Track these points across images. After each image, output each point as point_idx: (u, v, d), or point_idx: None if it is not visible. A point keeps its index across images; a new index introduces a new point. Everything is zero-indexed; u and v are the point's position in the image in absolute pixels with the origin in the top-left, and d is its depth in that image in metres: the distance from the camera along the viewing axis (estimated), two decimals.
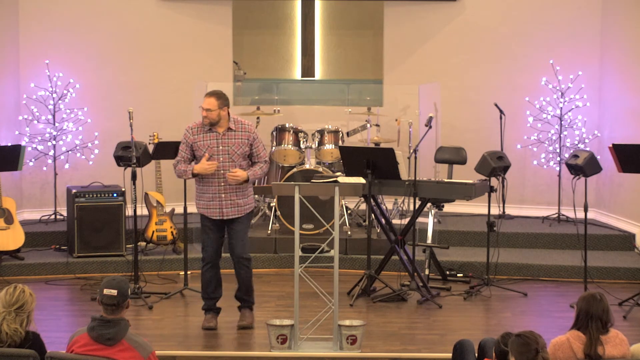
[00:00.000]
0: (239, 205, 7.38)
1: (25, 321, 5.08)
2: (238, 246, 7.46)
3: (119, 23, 10.84)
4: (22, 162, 9.34)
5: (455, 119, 11.00)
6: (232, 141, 7.32)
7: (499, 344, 5.03)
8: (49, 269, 9.22)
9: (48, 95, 10.46)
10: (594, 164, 8.31)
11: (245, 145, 7.33)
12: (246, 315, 7.54)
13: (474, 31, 11.09)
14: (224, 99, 7.35)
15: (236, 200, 7.36)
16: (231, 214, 7.38)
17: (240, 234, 7.44)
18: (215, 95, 7.33)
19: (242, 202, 7.39)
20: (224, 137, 7.33)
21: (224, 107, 7.32)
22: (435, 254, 8.96)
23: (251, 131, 7.36)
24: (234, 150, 7.32)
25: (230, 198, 7.35)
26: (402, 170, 8.43)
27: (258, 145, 7.38)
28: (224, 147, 7.32)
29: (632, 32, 10.23)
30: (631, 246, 9.61)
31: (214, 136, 7.34)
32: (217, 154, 7.31)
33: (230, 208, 7.37)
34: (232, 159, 7.31)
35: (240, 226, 7.43)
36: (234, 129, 7.34)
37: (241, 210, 7.39)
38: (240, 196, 7.37)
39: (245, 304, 7.58)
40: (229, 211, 7.37)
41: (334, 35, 12.19)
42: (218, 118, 7.30)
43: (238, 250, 7.46)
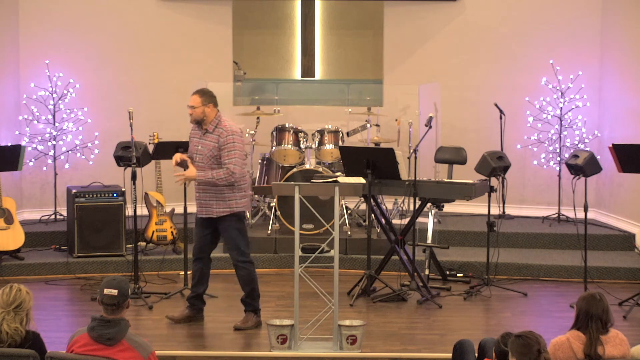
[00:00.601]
0: (212, 207, 7.36)
1: (24, 319, 5.09)
2: (229, 249, 7.53)
3: (119, 23, 10.85)
4: (22, 162, 9.34)
5: (455, 119, 11.00)
6: (206, 143, 7.35)
7: (499, 344, 5.03)
8: (49, 269, 9.22)
9: (48, 95, 10.46)
10: (594, 164, 8.31)
11: (215, 149, 7.31)
12: (248, 318, 7.49)
13: (474, 31, 11.09)
14: (208, 96, 7.35)
15: (208, 201, 7.36)
16: (205, 214, 7.41)
17: (227, 237, 7.46)
18: (199, 92, 7.37)
19: (216, 203, 7.35)
20: (203, 137, 7.38)
21: (208, 104, 7.32)
22: (435, 254, 8.96)
23: (223, 135, 7.29)
24: (205, 152, 7.33)
25: (203, 198, 7.38)
26: (402, 170, 8.43)
27: (226, 150, 7.27)
28: (201, 147, 7.37)
29: (632, 32, 10.23)
30: (631, 246, 9.62)
31: (198, 135, 7.43)
32: (197, 152, 7.40)
33: (205, 208, 7.40)
34: (204, 161, 7.34)
35: (226, 231, 7.42)
36: (211, 131, 7.34)
37: (215, 212, 7.36)
38: (213, 197, 7.35)
39: (248, 308, 7.53)
40: (202, 210, 7.42)
41: (334, 35, 12.19)
42: (203, 115, 7.33)
43: (230, 252, 7.52)
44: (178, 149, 8.42)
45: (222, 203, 7.36)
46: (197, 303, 7.63)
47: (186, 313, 7.60)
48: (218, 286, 8.82)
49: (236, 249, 7.43)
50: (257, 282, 7.54)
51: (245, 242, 7.50)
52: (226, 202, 7.36)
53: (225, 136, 7.29)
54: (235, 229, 7.42)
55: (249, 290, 7.50)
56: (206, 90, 7.41)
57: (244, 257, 7.45)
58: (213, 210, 7.37)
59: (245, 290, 7.52)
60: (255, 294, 7.52)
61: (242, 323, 7.46)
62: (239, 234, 7.43)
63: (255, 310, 7.53)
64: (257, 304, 7.55)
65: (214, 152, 7.31)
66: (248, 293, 7.51)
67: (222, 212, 7.36)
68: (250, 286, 7.50)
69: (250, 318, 7.48)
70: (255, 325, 7.46)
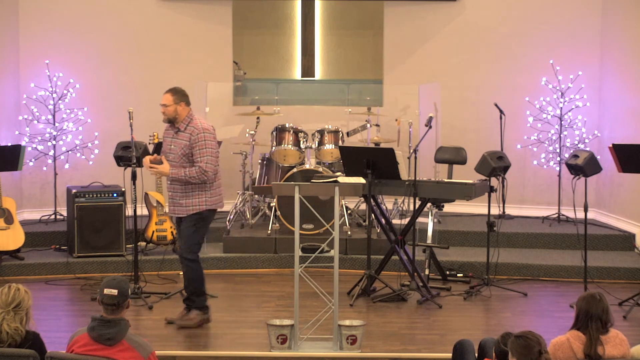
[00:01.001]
0: (180, 205, 7.37)
1: (24, 319, 5.09)
2: (181, 244, 7.53)
3: (119, 23, 10.85)
4: (22, 162, 9.34)
5: (455, 119, 11.00)
6: (177, 141, 7.35)
7: (499, 344, 5.03)
8: (49, 269, 9.22)
9: (48, 95, 10.46)
10: (594, 164, 8.31)
11: (186, 148, 7.31)
12: (192, 316, 7.43)
13: (474, 31, 11.09)
14: (180, 95, 7.36)
15: (179, 200, 7.37)
16: (177, 213, 7.42)
17: (183, 233, 7.44)
18: (171, 91, 7.39)
19: (185, 202, 7.35)
20: (175, 136, 7.39)
21: (180, 102, 7.33)
22: (435, 254, 8.96)
23: (194, 133, 7.29)
24: (176, 150, 7.34)
25: (174, 197, 7.40)
26: (402, 170, 8.43)
27: (197, 148, 7.28)
28: (174, 146, 7.38)
29: (632, 32, 10.23)
30: (631, 246, 9.62)
31: (170, 134, 7.45)
32: (169, 151, 7.41)
33: (176, 207, 7.41)
34: (175, 160, 7.34)
35: (184, 226, 7.42)
36: (183, 130, 7.34)
37: (183, 211, 7.36)
38: (183, 197, 7.35)
39: (193, 305, 7.47)
40: (174, 209, 7.44)
41: (334, 35, 12.19)
42: (175, 114, 7.34)
43: (181, 248, 7.50)
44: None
45: (190, 201, 7.36)
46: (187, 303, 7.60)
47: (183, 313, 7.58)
48: (218, 286, 8.83)
49: (187, 245, 7.43)
50: (201, 281, 7.47)
51: (197, 241, 7.47)
52: (195, 200, 7.36)
53: (197, 134, 7.29)
54: (194, 226, 7.40)
55: (192, 288, 7.46)
56: (178, 89, 7.42)
57: (190, 255, 7.41)
58: (183, 209, 7.37)
59: (188, 288, 7.49)
60: (200, 291, 7.47)
61: (185, 320, 7.44)
62: (195, 232, 7.41)
63: (200, 307, 7.48)
64: (202, 301, 7.48)
65: (185, 151, 7.31)
66: (192, 290, 7.47)
67: (191, 210, 7.36)
68: (193, 285, 7.46)
69: (194, 315, 7.45)
70: (198, 323, 7.41)
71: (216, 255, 9.57)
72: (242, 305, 8.21)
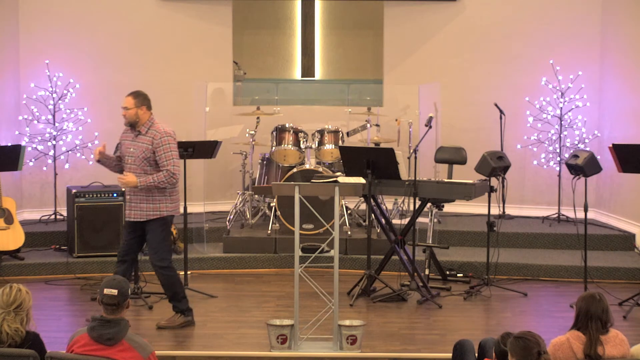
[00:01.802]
0: (142, 210, 7.34)
1: (25, 319, 5.09)
2: (150, 253, 7.46)
3: (119, 23, 10.85)
4: (22, 162, 9.34)
5: (455, 119, 11.00)
6: (138, 145, 7.32)
7: (499, 344, 5.03)
8: (49, 269, 9.22)
9: (48, 95, 10.46)
10: (594, 164, 8.31)
11: (148, 151, 7.28)
12: (174, 319, 7.45)
13: (474, 31, 11.09)
14: (141, 98, 7.35)
15: (139, 204, 7.34)
16: (134, 217, 7.37)
17: (151, 241, 7.40)
18: (133, 94, 7.37)
19: (146, 206, 7.33)
20: (136, 139, 7.35)
21: (141, 106, 7.32)
22: (435, 254, 8.96)
23: (156, 138, 7.28)
24: (137, 154, 7.31)
25: (133, 200, 7.36)
26: (402, 170, 8.43)
27: (161, 152, 7.26)
28: (133, 150, 7.35)
29: (632, 32, 10.23)
30: (631, 246, 9.62)
31: (130, 137, 7.41)
32: (129, 155, 7.37)
33: (134, 210, 7.37)
34: (135, 163, 7.32)
35: (150, 234, 7.39)
36: (144, 133, 7.32)
37: (144, 215, 7.33)
38: (144, 200, 7.33)
39: (176, 309, 7.48)
40: (131, 213, 7.38)
41: (334, 35, 12.19)
42: (136, 117, 7.32)
43: (151, 257, 7.44)
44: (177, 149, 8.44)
45: (152, 206, 7.34)
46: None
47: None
48: (218, 286, 8.84)
49: (156, 253, 7.40)
50: (178, 285, 7.48)
51: (167, 248, 7.48)
52: (156, 205, 7.34)
53: (159, 138, 7.28)
54: (160, 234, 7.38)
55: (170, 294, 7.46)
56: (140, 92, 7.40)
57: (163, 262, 7.40)
58: (143, 213, 7.34)
59: (167, 294, 7.51)
60: (179, 296, 7.47)
61: (166, 322, 7.44)
62: (161, 240, 7.40)
63: (183, 311, 7.48)
64: (184, 305, 7.48)
65: (146, 154, 7.29)
66: (171, 296, 7.47)
67: (152, 215, 7.34)
68: (171, 290, 7.46)
69: (177, 318, 7.46)
70: (180, 325, 7.42)
71: (216, 255, 9.58)
72: (242, 305, 8.21)
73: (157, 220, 7.34)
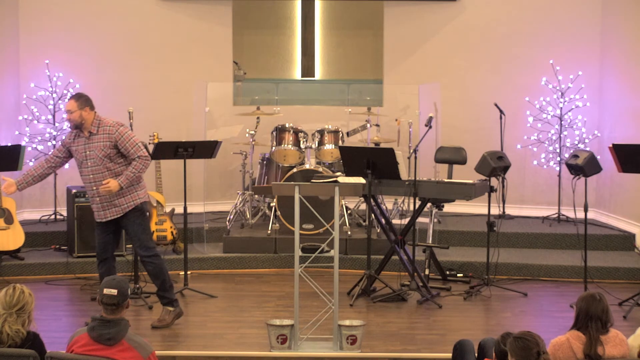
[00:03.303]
0: (116, 206, 7.34)
1: (26, 321, 5.08)
2: (135, 246, 7.50)
3: (119, 23, 10.85)
4: (22, 162, 9.33)
5: (455, 119, 11.00)
6: (94, 145, 7.30)
7: (499, 344, 5.03)
8: (49, 269, 9.22)
9: (48, 95, 10.46)
10: (594, 164, 8.31)
11: (107, 148, 7.27)
12: (165, 316, 7.45)
13: (474, 31, 11.09)
14: (83, 100, 7.34)
15: (112, 202, 7.35)
16: (110, 215, 7.38)
17: (132, 233, 7.43)
18: (75, 97, 7.37)
19: (120, 201, 7.33)
20: (89, 141, 7.32)
21: (84, 107, 7.30)
22: (435, 254, 8.96)
23: (112, 132, 7.27)
24: (96, 154, 7.29)
25: (106, 200, 7.35)
26: (402, 170, 8.43)
27: (125, 143, 7.27)
28: (90, 152, 7.31)
29: (632, 32, 10.24)
30: (631, 246, 9.62)
31: (82, 141, 7.37)
32: (87, 158, 7.33)
33: (109, 210, 7.37)
34: (97, 163, 7.30)
35: (129, 227, 7.41)
36: (95, 132, 7.30)
37: (119, 210, 7.35)
38: (117, 196, 7.32)
39: (164, 301, 7.50)
40: (107, 212, 7.38)
41: (334, 35, 12.19)
42: (81, 120, 7.30)
43: (137, 250, 7.50)
44: (178, 149, 8.45)
45: (125, 199, 7.35)
46: None
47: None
48: (218, 286, 8.84)
49: (141, 244, 7.43)
50: (166, 273, 7.51)
51: (149, 236, 7.52)
52: (129, 197, 7.36)
53: (116, 131, 7.28)
54: (139, 224, 7.42)
55: (159, 283, 7.48)
56: (81, 94, 7.41)
57: (149, 251, 7.44)
58: (119, 209, 7.35)
59: (155, 284, 7.52)
60: (167, 285, 7.49)
61: (159, 322, 7.43)
62: (142, 230, 7.44)
63: (171, 301, 7.50)
64: (171, 294, 7.52)
65: (106, 151, 7.28)
66: (159, 286, 7.49)
67: (127, 207, 7.35)
68: (160, 279, 7.47)
69: (167, 314, 7.46)
70: (173, 320, 7.44)
71: (216, 255, 9.58)
72: (242, 305, 8.21)
73: (132, 211, 7.37)
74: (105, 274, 7.43)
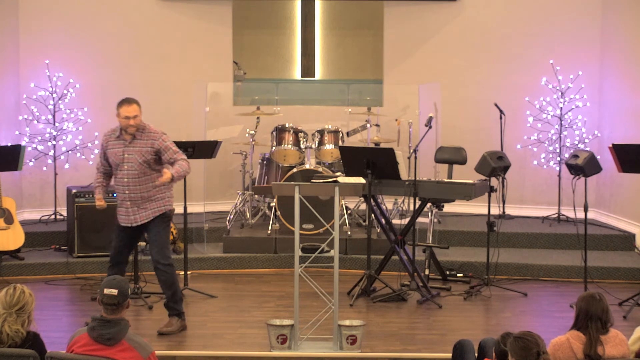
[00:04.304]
0: (146, 210, 7.31)
1: (26, 322, 5.08)
2: (154, 252, 7.39)
3: (119, 23, 10.85)
4: (22, 162, 9.34)
5: (455, 119, 11.00)
6: (135, 149, 7.28)
7: (499, 344, 5.03)
8: (49, 269, 9.22)
9: (48, 95, 10.46)
10: (594, 164, 8.31)
11: (148, 154, 7.25)
12: (172, 322, 7.38)
13: (474, 31, 11.09)
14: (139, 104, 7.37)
15: (141, 206, 7.31)
16: (140, 220, 7.33)
17: (154, 239, 7.36)
18: (136, 101, 7.36)
19: (150, 205, 7.31)
20: (130, 145, 7.30)
21: (141, 111, 7.33)
22: (435, 254, 8.96)
23: (156, 139, 7.27)
24: (136, 159, 7.26)
25: (136, 205, 7.30)
26: (402, 170, 8.43)
27: (168, 150, 7.26)
28: (129, 155, 7.28)
29: (632, 32, 10.24)
30: (631, 246, 9.62)
31: (121, 144, 7.34)
32: (125, 161, 7.29)
33: (137, 214, 7.32)
34: (135, 168, 7.27)
35: (153, 232, 7.35)
36: (139, 138, 7.29)
37: (150, 214, 7.31)
38: (147, 202, 7.30)
39: (173, 312, 7.42)
40: (137, 217, 7.33)
41: (334, 35, 12.19)
42: (141, 123, 7.31)
43: (155, 256, 7.38)
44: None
45: (157, 203, 7.33)
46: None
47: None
48: (218, 286, 8.84)
49: (160, 251, 7.36)
50: (178, 284, 7.45)
51: (169, 245, 7.49)
52: (159, 202, 7.35)
53: (159, 138, 7.28)
54: (163, 230, 7.38)
55: (170, 294, 7.40)
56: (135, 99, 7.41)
57: (166, 260, 7.37)
58: (149, 212, 7.31)
59: (166, 294, 7.42)
60: (177, 296, 7.42)
61: (166, 327, 7.36)
62: (165, 237, 7.41)
63: (179, 314, 7.42)
64: (180, 306, 7.44)
65: (146, 157, 7.26)
66: (170, 297, 7.40)
67: (157, 212, 7.33)
68: (172, 289, 7.40)
69: (174, 322, 7.38)
70: (179, 330, 7.35)
71: (216, 255, 9.58)
72: (242, 305, 8.21)
73: (160, 216, 7.34)
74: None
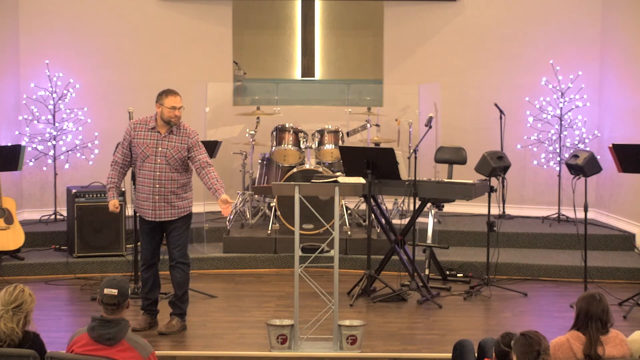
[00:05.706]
0: (174, 208, 7.29)
1: (22, 321, 5.07)
2: (175, 251, 7.36)
3: (119, 23, 10.85)
4: (22, 162, 9.34)
5: (455, 119, 11.00)
6: (171, 144, 7.23)
7: (499, 344, 5.03)
8: (49, 269, 9.22)
9: (48, 95, 10.46)
10: (594, 164, 8.31)
11: (183, 150, 7.23)
12: (173, 323, 7.37)
13: (474, 31, 11.09)
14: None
15: (173, 203, 7.29)
16: (165, 216, 7.29)
17: (177, 238, 7.34)
18: (177, 93, 7.31)
19: (178, 204, 7.30)
20: (164, 139, 7.24)
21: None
22: (435, 254, 8.96)
23: (191, 136, 7.26)
24: (171, 154, 7.22)
25: (165, 200, 7.27)
26: (402, 170, 8.43)
27: (199, 149, 7.25)
28: (163, 149, 7.22)
29: (632, 32, 10.24)
30: (631, 246, 9.62)
31: (155, 136, 7.25)
32: (155, 154, 7.23)
33: (164, 210, 7.28)
34: (169, 162, 7.23)
35: (177, 231, 7.33)
36: (176, 133, 7.24)
37: (176, 213, 7.30)
38: (175, 199, 7.29)
39: (177, 311, 7.41)
40: (162, 213, 7.29)
41: (334, 35, 12.19)
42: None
43: (175, 254, 7.36)
44: None
45: (185, 202, 7.34)
46: (154, 309, 7.52)
47: (148, 320, 7.49)
48: (218, 286, 8.84)
49: (181, 250, 7.36)
50: (188, 286, 7.46)
51: (187, 245, 7.48)
52: (186, 202, 7.35)
53: (193, 137, 7.27)
54: (185, 230, 7.38)
55: (181, 293, 7.39)
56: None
57: (185, 258, 7.38)
58: (178, 211, 7.31)
59: (177, 293, 7.40)
60: (186, 297, 7.43)
61: (166, 327, 7.35)
62: (186, 237, 7.41)
63: (182, 314, 7.42)
64: (186, 308, 7.45)
65: (182, 154, 7.24)
66: (180, 296, 7.39)
67: (183, 212, 7.33)
68: (183, 289, 7.40)
69: (175, 322, 7.37)
70: (179, 330, 7.34)
71: (216, 255, 9.58)
72: (242, 305, 8.21)
73: (186, 216, 7.35)
74: (151, 279, 7.45)
